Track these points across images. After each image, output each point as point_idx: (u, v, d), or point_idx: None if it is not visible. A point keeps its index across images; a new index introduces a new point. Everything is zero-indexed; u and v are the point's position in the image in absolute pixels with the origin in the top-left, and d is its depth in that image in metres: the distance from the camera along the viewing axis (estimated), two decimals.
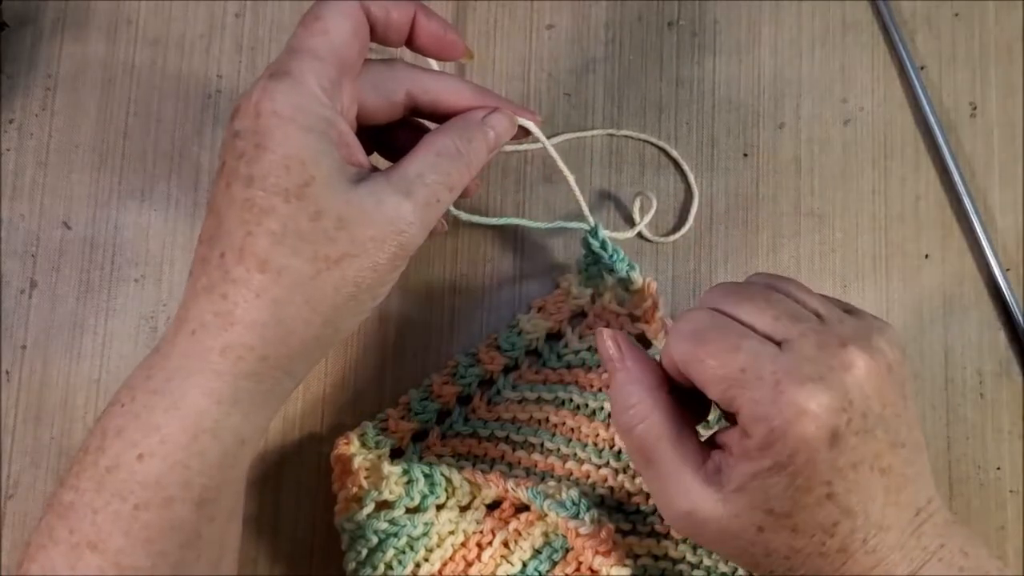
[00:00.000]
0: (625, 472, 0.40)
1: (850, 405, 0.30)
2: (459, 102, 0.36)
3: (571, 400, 0.41)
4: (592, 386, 0.41)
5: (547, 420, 0.41)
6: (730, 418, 0.33)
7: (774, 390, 0.29)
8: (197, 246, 0.32)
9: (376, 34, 0.34)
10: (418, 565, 0.39)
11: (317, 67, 0.32)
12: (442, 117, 0.36)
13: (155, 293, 0.43)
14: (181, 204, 0.44)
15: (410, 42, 0.36)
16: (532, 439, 0.41)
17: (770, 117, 0.45)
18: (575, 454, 0.40)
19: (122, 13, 0.45)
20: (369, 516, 0.38)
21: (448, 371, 0.41)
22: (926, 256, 0.45)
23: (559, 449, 0.40)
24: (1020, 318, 0.44)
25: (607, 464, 0.40)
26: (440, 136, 0.34)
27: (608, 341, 0.34)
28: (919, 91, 0.45)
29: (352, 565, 0.38)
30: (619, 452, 0.40)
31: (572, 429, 0.41)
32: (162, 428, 0.30)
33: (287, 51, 0.32)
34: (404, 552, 0.39)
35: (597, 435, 0.40)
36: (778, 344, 0.30)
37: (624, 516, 0.40)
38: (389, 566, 0.38)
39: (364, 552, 0.38)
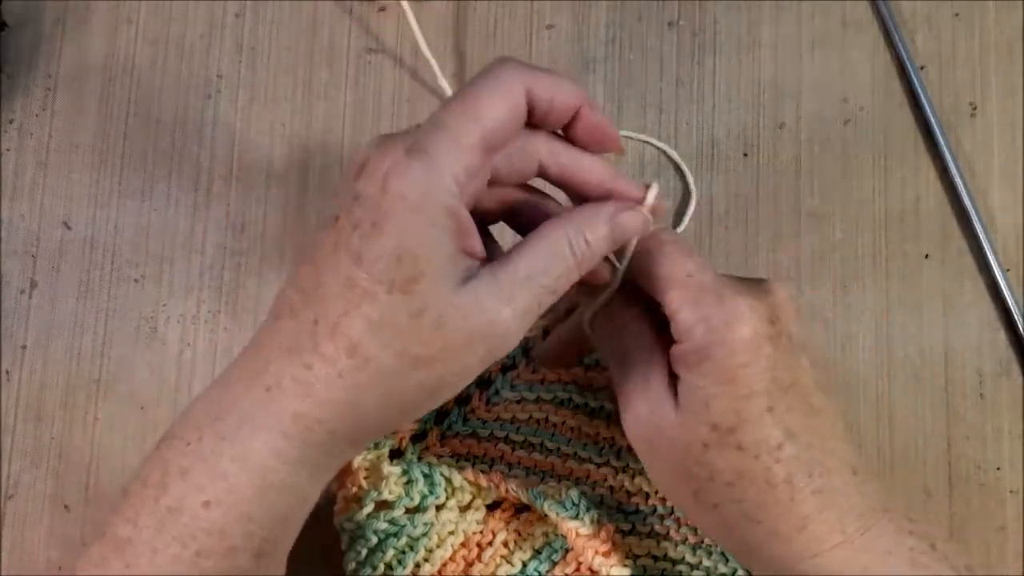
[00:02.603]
0: (625, 471, 0.40)
1: (778, 320, 0.32)
2: (590, 180, 0.33)
3: (570, 399, 0.41)
4: (592, 385, 0.41)
5: (546, 420, 0.41)
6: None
7: (714, 295, 0.31)
8: (288, 287, 0.31)
9: (533, 117, 0.31)
10: (418, 565, 0.39)
11: (458, 153, 0.29)
12: (568, 189, 0.33)
13: (155, 293, 0.43)
14: (181, 204, 0.44)
15: (566, 129, 0.33)
16: (532, 439, 0.41)
17: (770, 117, 0.45)
18: (575, 453, 0.40)
19: (122, 13, 0.45)
20: (369, 516, 0.38)
21: None
22: (926, 256, 0.45)
23: (559, 448, 0.40)
24: (1020, 318, 0.44)
25: (607, 463, 0.40)
26: (557, 229, 0.31)
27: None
28: (919, 91, 0.45)
29: (352, 565, 0.38)
30: (619, 451, 0.40)
31: (572, 428, 0.41)
32: (230, 477, 0.30)
33: (433, 124, 0.29)
34: (404, 552, 0.39)
35: (597, 434, 0.40)
36: None
37: (624, 516, 0.40)
38: (389, 566, 0.38)
39: (364, 552, 0.38)
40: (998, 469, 0.43)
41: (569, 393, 0.41)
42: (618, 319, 0.34)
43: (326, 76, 0.45)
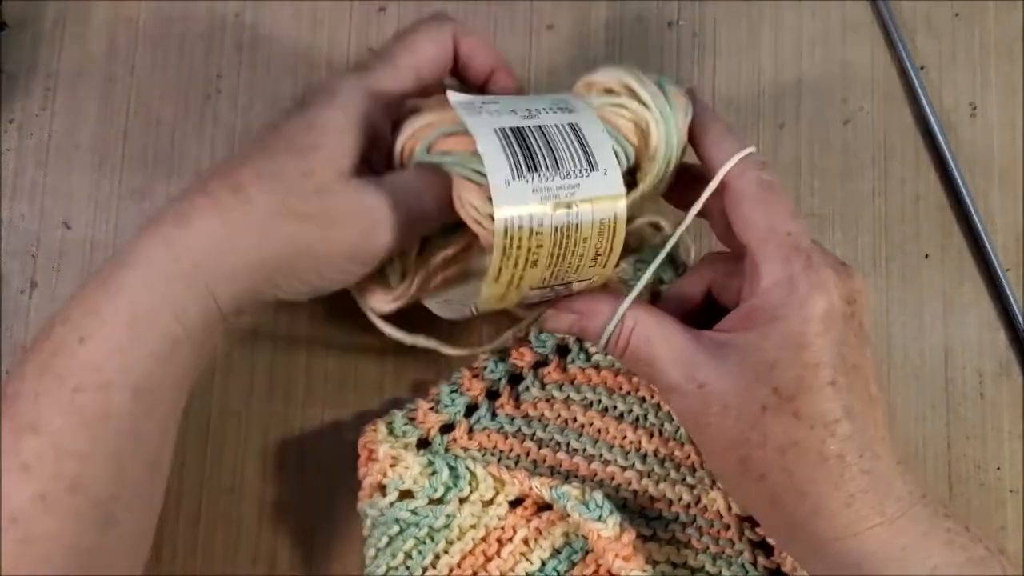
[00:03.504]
0: (649, 476, 0.40)
1: (855, 303, 0.33)
2: (488, 61, 0.37)
3: (599, 401, 0.41)
4: (621, 388, 0.41)
5: (574, 420, 0.41)
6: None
7: (806, 260, 0.32)
8: None
9: (455, 67, 0.37)
10: (437, 556, 0.39)
11: (393, 74, 0.35)
12: (470, 76, 0.38)
13: None
14: None
15: (482, 89, 0.38)
16: (558, 438, 0.41)
17: (770, 117, 0.45)
18: (600, 455, 0.40)
19: (122, 13, 0.45)
20: (392, 504, 0.38)
21: (478, 366, 0.41)
22: (926, 256, 0.45)
23: (584, 450, 0.40)
24: (1020, 318, 0.44)
25: (632, 467, 0.40)
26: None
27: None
28: (919, 91, 0.45)
29: (372, 551, 0.39)
30: (644, 456, 0.40)
31: (599, 431, 0.40)
32: (101, 311, 0.31)
33: (373, 53, 0.36)
34: (424, 543, 0.39)
35: (624, 437, 0.40)
36: None
37: (645, 521, 0.40)
38: (408, 555, 0.39)
39: (384, 540, 0.38)
40: (998, 469, 0.43)
41: (598, 395, 0.41)
42: (634, 337, 0.35)
43: (326, 76, 0.45)
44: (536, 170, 0.33)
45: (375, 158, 0.35)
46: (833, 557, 0.32)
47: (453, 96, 0.34)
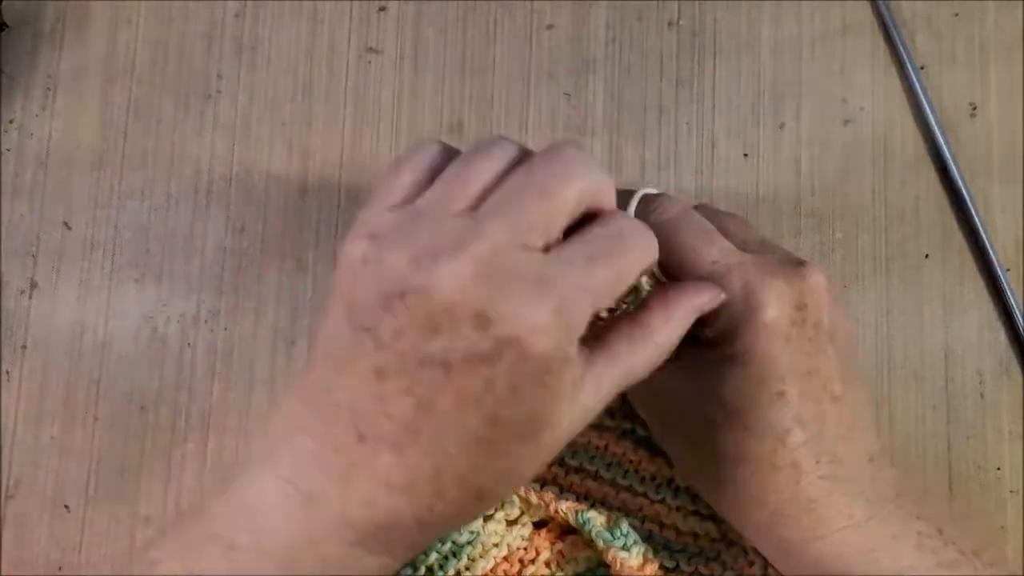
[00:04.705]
0: (679, 511, 0.40)
1: (805, 308, 0.32)
2: None
3: (633, 430, 0.40)
4: None
5: (606, 448, 0.40)
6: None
7: (740, 281, 0.31)
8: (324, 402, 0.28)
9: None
10: (459, 573, 0.38)
11: (585, 300, 0.27)
12: None
13: (155, 293, 0.43)
14: (181, 204, 0.44)
15: None
16: (587, 466, 0.40)
17: (770, 117, 0.45)
18: (630, 486, 0.40)
19: (122, 13, 0.45)
20: None
21: None
22: (926, 256, 0.45)
23: (614, 479, 0.40)
24: (1020, 318, 0.44)
25: (662, 500, 0.40)
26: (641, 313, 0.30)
27: None
28: (919, 91, 0.45)
29: None
30: (676, 490, 0.40)
31: (631, 461, 0.40)
32: None
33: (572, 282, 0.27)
34: (447, 558, 0.38)
35: (657, 470, 0.40)
36: None
37: (670, 554, 0.39)
38: (430, 570, 0.38)
39: None
40: (998, 469, 0.43)
41: (633, 425, 0.40)
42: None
43: (326, 76, 0.45)
44: None
45: None
46: (801, 559, 0.32)
47: None
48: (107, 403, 0.42)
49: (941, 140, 0.45)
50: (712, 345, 0.32)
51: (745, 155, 0.45)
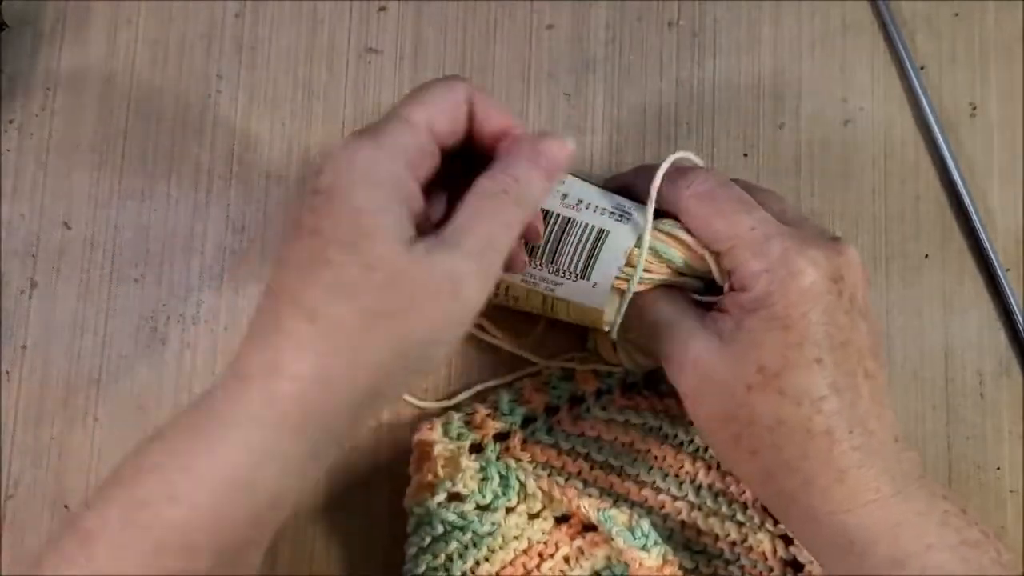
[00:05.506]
0: (700, 509, 0.40)
1: (841, 280, 0.32)
2: (503, 122, 0.34)
3: (660, 428, 0.40)
4: (685, 417, 0.40)
5: (631, 445, 0.40)
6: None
7: (780, 247, 0.32)
8: (260, 298, 0.31)
9: (471, 124, 0.34)
10: (478, 563, 0.39)
11: (407, 132, 0.32)
12: (490, 145, 0.34)
13: (155, 293, 0.43)
14: (181, 204, 0.44)
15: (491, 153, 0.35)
16: (612, 461, 0.40)
17: (770, 117, 0.45)
18: (653, 483, 0.40)
19: (122, 13, 0.45)
20: (439, 505, 0.38)
21: (542, 379, 0.41)
22: (926, 256, 0.45)
23: (638, 475, 0.40)
24: (1020, 318, 0.44)
25: (685, 498, 0.40)
26: (484, 178, 0.32)
27: None
28: (919, 91, 0.45)
29: (413, 550, 0.38)
30: (699, 488, 0.40)
31: (656, 458, 0.40)
32: (197, 471, 0.29)
33: (386, 114, 0.32)
34: (467, 548, 0.39)
35: (681, 467, 0.40)
36: None
37: (690, 555, 0.40)
38: (449, 558, 0.38)
39: (428, 540, 0.38)
40: (998, 469, 0.43)
41: (660, 422, 0.40)
42: (642, 299, 0.36)
43: (326, 76, 0.45)
44: (531, 255, 0.36)
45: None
46: (826, 530, 0.32)
47: None
48: (107, 403, 0.42)
49: (941, 140, 0.45)
50: (751, 310, 0.32)
51: (745, 155, 0.45)
